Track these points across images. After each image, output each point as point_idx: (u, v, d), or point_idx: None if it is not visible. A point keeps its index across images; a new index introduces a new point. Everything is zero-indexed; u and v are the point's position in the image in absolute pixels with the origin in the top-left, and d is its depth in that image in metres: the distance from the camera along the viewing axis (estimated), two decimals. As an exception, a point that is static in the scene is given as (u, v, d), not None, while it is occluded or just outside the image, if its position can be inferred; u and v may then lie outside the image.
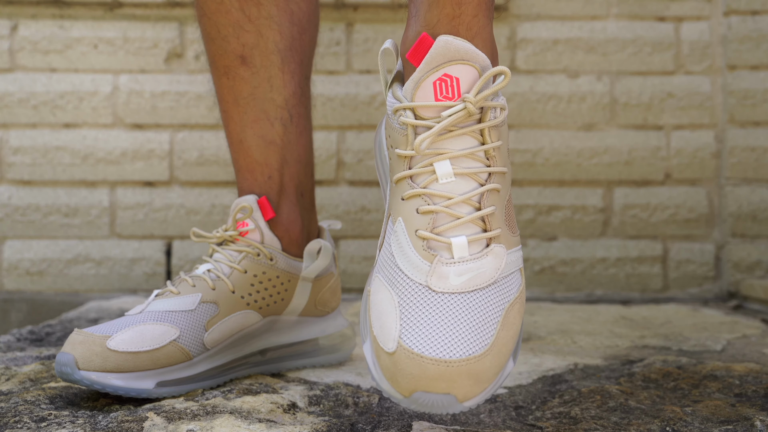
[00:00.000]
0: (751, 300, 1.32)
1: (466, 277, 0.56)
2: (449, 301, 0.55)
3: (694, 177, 1.41)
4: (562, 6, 1.42)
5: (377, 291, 0.58)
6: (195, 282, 0.75)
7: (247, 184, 0.82)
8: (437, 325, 0.53)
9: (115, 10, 1.40)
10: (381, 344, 0.54)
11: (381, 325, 0.55)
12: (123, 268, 1.40)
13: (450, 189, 0.58)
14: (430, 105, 0.58)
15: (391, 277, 0.57)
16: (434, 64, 0.57)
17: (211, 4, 0.80)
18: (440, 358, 0.51)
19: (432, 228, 0.57)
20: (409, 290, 0.56)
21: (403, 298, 0.55)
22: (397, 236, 0.58)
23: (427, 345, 0.52)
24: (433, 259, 0.56)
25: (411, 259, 0.57)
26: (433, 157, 0.58)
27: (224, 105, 0.83)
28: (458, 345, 0.52)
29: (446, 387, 0.52)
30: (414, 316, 0.54)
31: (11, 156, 1.40)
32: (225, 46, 0.80)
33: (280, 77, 0.81)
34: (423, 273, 0.56)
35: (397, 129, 0.59)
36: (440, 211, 0.57)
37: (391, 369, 0.53)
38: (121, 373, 0.68)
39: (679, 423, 0.63)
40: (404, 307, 0.55)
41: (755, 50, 1.39)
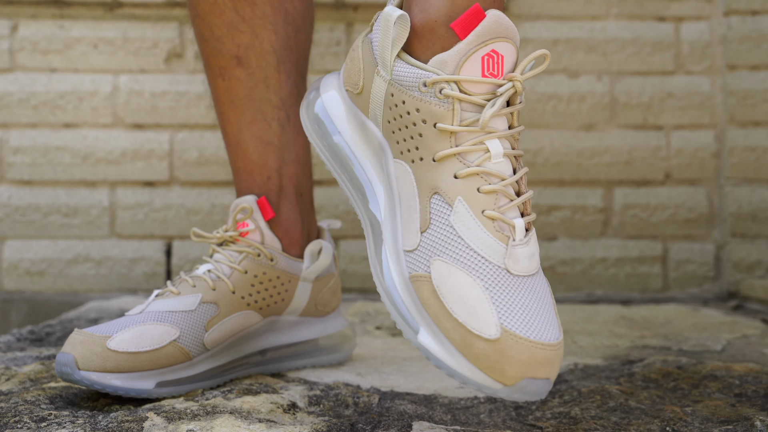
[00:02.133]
0: (751, 300, 1.32)
1: (533, 260, 0.56)
2: (527, 285, 0.54)
3: (694, 177, 1.41)
4: (562, 6, 1.42)
5: (450, 275, 0.54)
6: (195, 282, 0.75)
7: (245, 186, 0.82)
8: (531, 309, 0.53)
9: (115, 10, 1.40)
10: (475, 331, 0.52)
11: (470, 311, 0.53)
12: (123, 268, 1.40)
13: (501, 169, 0.57)
14: (478, 80, 0.56)
15: (463, 260, 0.55)
16: (484, 38, 0.56)
17: (204, 4, 0.79)
18: (547, 342, 0.51)
19: (496, 208, 0.56)
20: (490, 273, 0.54)
21: (488, 282, 0.54)
22: (460, 216, 0.56)
23: (533, 329, 0.51)
24: (507, 240, 0.55)
25: (486, 241, 0.55)
26: (483, 135, 0.57)
27: (220, 106, 0.82)
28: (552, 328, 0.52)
29: (549, 371, 0.51)
30: (507, 301, 0.53)
31: (11, 156, 1.40)
32: (219, 47, 0.80)
33: (276, 77, 0.81)
34: (500, 255, 0.55)
35: (435, 102, 0.57)
36: (501, 191, 0.56)
37: (492, 357, 0.51)
38: (121, 374, 0.68)
39: (679, 423, 0.63)
40: (493, 291, 0.53)
41: (755, 50, 1.39)
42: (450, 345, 0.53)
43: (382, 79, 0.60)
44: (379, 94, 0.60)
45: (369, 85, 0.61)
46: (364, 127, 0.63)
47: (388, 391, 0.75)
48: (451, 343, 0.53)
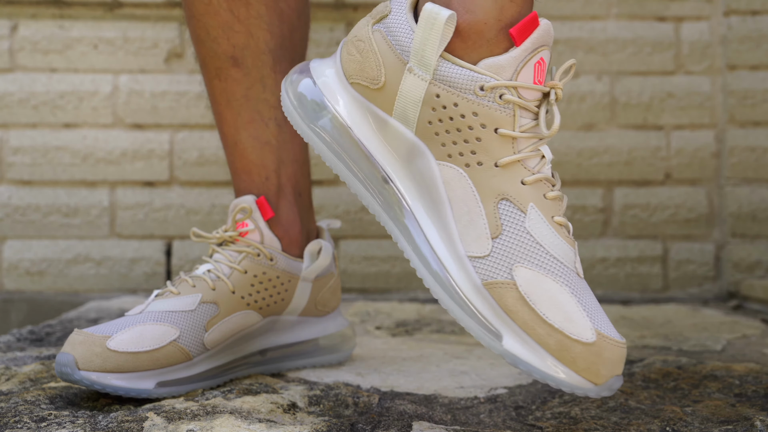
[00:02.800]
0: (751, 300, 1.32)
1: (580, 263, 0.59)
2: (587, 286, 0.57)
3: (694, 177, 1.41)
4: (562, 6, 1.42)
5: (539, 282, 0.55)
6: (195, 282, 0.75)
7: (244, 186, 0.82)
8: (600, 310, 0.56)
9: (115, 10, 1.40)
10: (573, 336, 0.54)
11: (566, 317, 0.54)
12: (123, 268, 1.40)
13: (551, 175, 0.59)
14: (532, 87, 0.57)
15: (547, 266, 0.56)
16: (537, 46, 0.57)
17: (199, 5, 0.79)
18: (623, 341, 0.55)
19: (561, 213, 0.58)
20: (571, 278, 0.56)
21: (571, 286, 0.56)
22: (535, 222, 0.57)
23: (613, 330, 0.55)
24: (574, 244, 0.58)
25: (561, 246, 0.57)
26: (537, 141, 0.58)
27: (217, 107, 0.82)
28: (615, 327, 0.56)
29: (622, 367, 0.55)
30: (588, 304, 0.55)
31: (11, 156, 1.40)
32: (215, 48, 0.80)
33: (272, 77, 0.80)
34: (572, 259, 0.57)
35: (495, 107, 0.57)
36: (560, 198, 0.58)
37: (589, 359, 0.54)
38: (121, 374, 0.68)
39: (679, 423, 0.63)
40: (577, 295, 0.55)
41: (755, 50, 1.39)
42: (542, 350, 0.55)
43: (418, 77, 0.59)
44: (415, 93, 0.59)
45: (395, 82, 0.60)
46: (383, 125, 0.61)
47: (388, 391, 0.75)
48: (543, 349, 0.55)
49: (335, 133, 0.63)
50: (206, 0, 0.78)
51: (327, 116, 0.63)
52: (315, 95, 0.64)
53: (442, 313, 1.22)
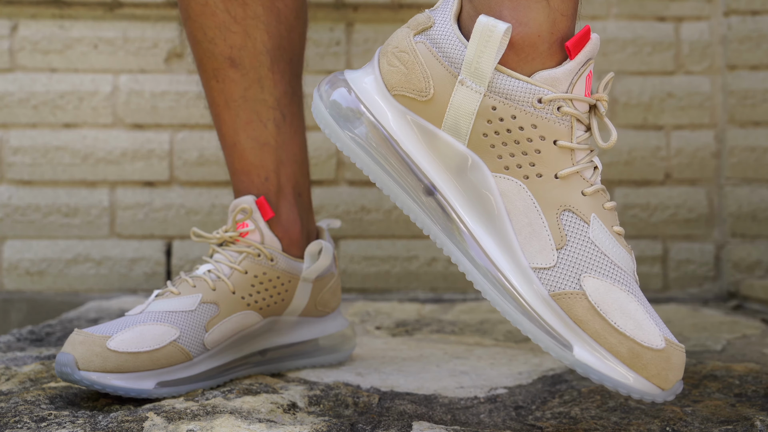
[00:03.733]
0: (751, 300, 1.32)
1: None
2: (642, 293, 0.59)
3: (694, 177, 1.41)
4: (562, 6, 1.41)
5: (607, 291, 0.57)
6: (195, 282, 0.75)
7: (243, 187, 0.81)
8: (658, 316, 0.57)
9: (115, 10, 1.40)
10: (645, 343, 0.55)
11: (636, 325, 0.56)
12: (123, 268, 1.40)
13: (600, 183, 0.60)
14: (585, 99, 0.59)
15: (614, 276, 0.57)
16: (587, 58, 0.58)
17: (195, 6, 0.78)
18: (683, 347, 0.57)
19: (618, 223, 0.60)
20: (633, 286, 0.58)
21: (636, 294, 0.57)
22: (598, 232, 0.58)
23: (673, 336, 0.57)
24: (632, 252, 0.59)
25: (622, 255, 0.58)
26: (591, 152, 0.60)
27: (215, 108, 0.82)
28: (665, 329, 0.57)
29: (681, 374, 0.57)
30: (651, 311, 0.57)
31: (11, 156, 1.40)
32: (212, 49, 0.79)
33: (270, 77, 0.80)
34: (632, 268, 0.59)
35: (553, 119, 0.58)
36: (614, 208, 0.60)
37: (659, 365, 0.55)
38: (121, 374, 0.68)
39: (679, 423, 0.63)
40: (642, 303, 0.57)
41: (755, 50, 1.39)
42: (613, 358, 0.56)
43: (472, 90, 0.59)
44: (468, 106, 0.59)
45: (445, 94, 0.60)
46: (432, 137, 0.61)
47: (388, 391, 0.75)
48: (615, 357, 0.56)
49: (373, 141, 0.63)
50: (202, 1, 0.78)
51: (364, 124, 0.63)
52: (351, 103, 0.64)
53: (442, 313, 1.22)
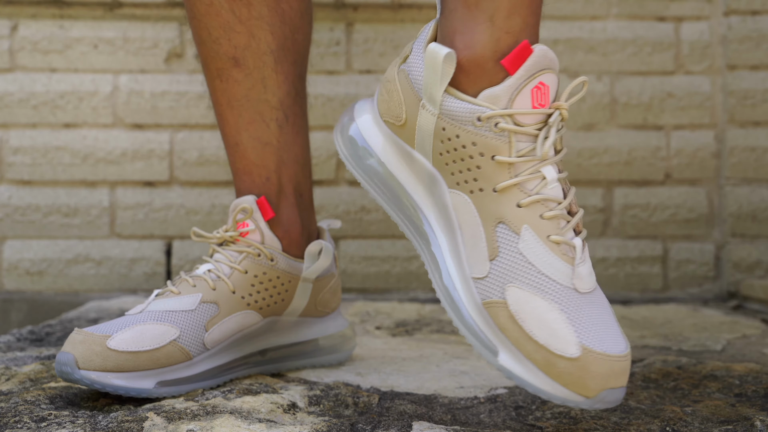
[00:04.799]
0: (751, 300, 1.32)
1: (591, 276, 0.59)
2: (593, 300, 0.58)
3: (694, 177, 1.41)
4: (562, 6, 1.42)
5: (526, 300, 0.58)
6: (195, 282, 0.75)
7: (245, 186, 0.82)
8: (602, 323, 0.57)
9: (115, 10, 1.40)
10: (558, 351, 0.56)
11: (550, 333, 0.57)
12: (123, 268, 1.40)
13: (555, 194, 0.60)
14: (530, 112, 0.59)
15: (537, 285, 0.58)
16: (532, 72, 0.59)
17: (200, 6, 0.79)
18: (620, 354, 0.56)
19: (558, 232, 0.59)
20: (563, 295, 0.58)
21: (563, 303, 0.57)
22: (528, 243, 0.59)
23: (608, 344, 0.56)
24: (573, 261, 0.59)
25: (555, 265, 0.58)
26: (538, 163, 0.60)
27: (219, 108, 0.82)
28: (622, 340, 0.57)
29: (624, 380, 0.56)
30: (583, 319, 0.57)
31: (11, 156, 1.40)
32: (217, 49, 0.80)
33: (273, 78, 0.81)
34: (568, 276, 0.58)
35: (491, 136, 0.60)
36: (560, 215, 0.59)
37: (574, 374, 0.56)
38: (121, 373, 0.68)
39: (679, 423, 0.63)
40: (568, 311, 0.57)
41: (755, 50, 1.39)
42: (532, 365, 0.57)
43: (430, 113, 0.62)
44: (428, 127, 0.63)
45: (413, 118, 0.64)
46: (410, 158, 0.65)
47: (388, 391, 0.75)
48: (533, 364, 0.57)
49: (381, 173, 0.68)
50: (207, 1, 0.78)
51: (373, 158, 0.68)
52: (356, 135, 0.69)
53: (442, 313, 1.22)
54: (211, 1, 0.78)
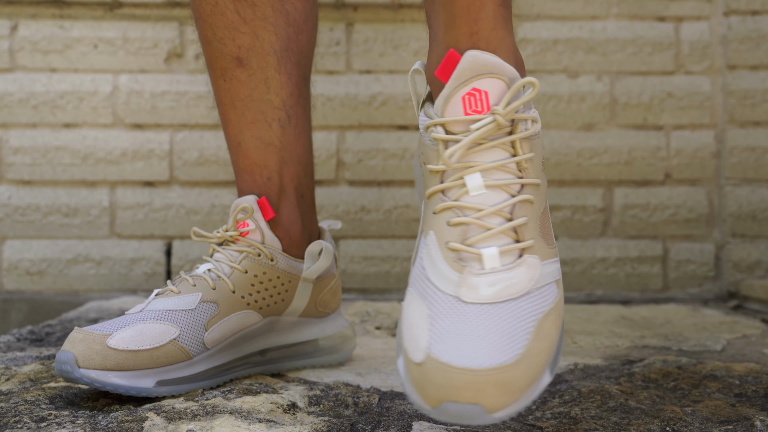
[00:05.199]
0: (751, 300, 1.32)
1: (499, 287, 0.56)
2: (480, 312, 0.54)
3: (694, 177, 1.41)
4: (562, 6, 1.42)
5: (409, 305, 0.58)
6: (195, 281, 0.75)
7: (246, 186, 0.82)
8: (466, 334, 0.53)
9: (115, 10, 1.40)
10: (410, 355, 0.54)
11: (411, 337, 0.55)
12: (123, 268, 1.40)
13: (481, 201, 0.58)
14: (460, 119, 0.59)
15: (422, 290, 0.57)
16: (462, 79, 0.58)
17: (206, 6, 0.80)
18: (467, 367, 0.51)
19: (463, 240, 0.58)
20: (439, 302, 0.56)
21: (433, 309, 0.56)
22: (429, 249, 0.59)
23: (455, 354, 0.52)
24: (463, 269, 0.56)
25: (441, 271, 0.57)
26: (463, 170, 0.59)
27: (222, 107, 0.83)
28: (487, 354, 0.52)
29: (473, 396, 0.51)
30: (443, 327, 0.54)
31: (11, 156, 1.40)
32: (221, 49, 0.80)
33: (276, 78, 0.81)
34: (453, 284, 0.56)
35: (429, 145, 0.60)
36: (471, 222, 0.58)
37: (419, 380, 0.53)
38: (121, 372, 0.68)
39: (679, 423, 0.63)
40: (434, 318, 0.55)
41: (755, 50, 1.39)
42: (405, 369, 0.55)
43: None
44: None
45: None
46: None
47: (388, 391, 0.75)
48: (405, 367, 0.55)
49: None
50: (213, 1, 0.79)
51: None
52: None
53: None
54: (216, 1, 0.79)
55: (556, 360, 0.57)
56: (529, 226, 0.58)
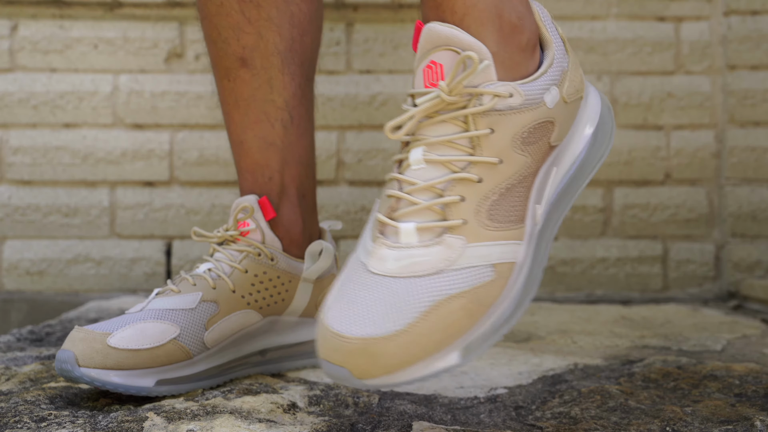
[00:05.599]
0: (751, 300, 1.32)
1: (405, 263, 0.55)
2: (377, 283, 0.55)
3: (694, 177, 1.41)
4: (562, 6, 1.42)
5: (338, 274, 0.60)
6: (195, 281, 0.75)
7: (247, 185, 0.82)
8: (355, 302, 0.54)
9: (115, 10, 1.40)
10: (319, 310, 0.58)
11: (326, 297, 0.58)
12: (123, 268, 1.40)
13: (417, 175, 0.58)
14: (420, 92, 0.58)
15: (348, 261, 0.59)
16: (422, 51, 0.58)
17: (211, 6, 0.80)
18: (338, 332, 0.53)
19: (390, 212, 0.58)
20: (352, 267, 0.57)
21: (345, 273, 0.57)
22: (370, 217, 0.60)
23: (335, 319, 0.54)
24: (377, 240, 0.57)
25: (364, 240, 0.58)
26: (412, 143, 0.58)
27: (226, 107, 0.83)
28: (360, 324, 0.53)
29: (341, 360, 0.53)
30: (343, 291, 0.56)
31: (11, 156, 1.40)
32: (226, 49, 0.81)
33: (280, 79, 0.81)
34: (366, 252, 0.57)
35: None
36: (400, 196, 0.57)
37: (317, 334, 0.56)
38: (121, 371, 0.68)
39: (679, 423, 0.63)
40: (342, 282, 0.57)
41: (755, 50, 1.39)
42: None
43: None
44: None
45: None
46: None
47: (388, 391, 0.75)
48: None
49: None
50: (218, 1, 0.79)
51: None
52: None
53: (442, 313, 1.22)
54: (221, 1, 0.79)
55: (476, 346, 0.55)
56: (461, 206, 0.56)
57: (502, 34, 0.59)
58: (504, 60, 0.59)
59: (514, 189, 0.58)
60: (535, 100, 0.59)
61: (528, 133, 0.59)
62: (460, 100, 0.57)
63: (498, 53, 0.59)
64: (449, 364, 0.54)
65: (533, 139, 0.59)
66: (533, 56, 0.62)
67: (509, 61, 0.59)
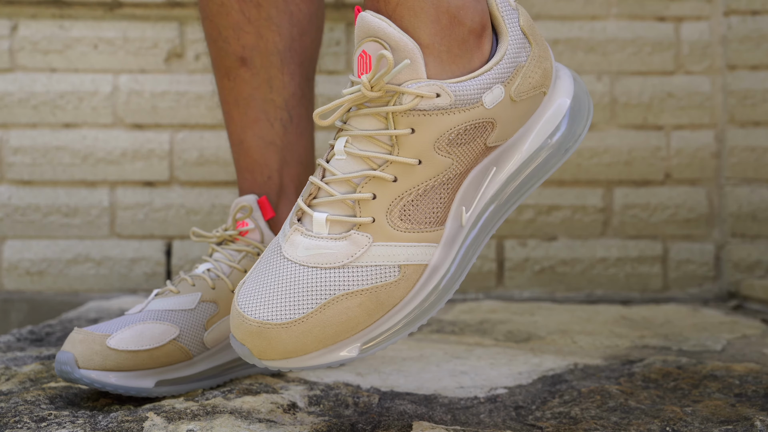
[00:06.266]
0: (751, 300, 1.32)
1: (312, 252, 0.56)
2: (286, 269, 0.56)
3: (694, 177, 1.41)
4: (562, 6, 1.42)
5: None
6: (195, 281, 0.75)
7: (247, 185, 0.82)
8: (263, 284, 0.56)
9: (115, 10, 1.40)
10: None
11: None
12: (123, 268, 1.40)
13: (338, 166, 0.57)
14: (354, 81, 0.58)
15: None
16: (357, 40, 0.58)
17: (212, 6, 0.80)
18: (242, 312, 0.55)
19: (309, 199, 0.58)
20: (271, 247, 0.58)
21: (265, 253, 0.58)
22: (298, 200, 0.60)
23: (242, 298, 0.56)
24: (292, 226, 0.57)
25: (285, 224, 0.59)
26: (341, 132, 0.58)
27: (225, 106, 0.83)
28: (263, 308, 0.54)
29: (242, 339, 0.55)
30: (256, 271, 0.57)
31: (11, 156, 1.40)
32: (226, 48, 0.81)
33: (279, 78, 0.81)
34: (283, 236, 0.58)
35: None
36: (319, 185, 0.57)
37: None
38: (121, 372, 0.68)
39: (679, 423, 0.63)
40: (259, 261, 0.58)
41: (755, 50, 1.39)
42: None
43: None
44: None
45: None
46: None
47: (388, 391, 0.75)
48: None
49: None
50: (219, 1, 0.79)
51: None
52: None
53: (442, 313, 1.22)
54: (222, 1, 0.79)
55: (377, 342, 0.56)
56: (372, 204, 0.56)
57: (438, 26, 0.56)
58: (440, 53, 0.56)
59: (434, 191, 0.57)
60: (470, 101, 0.56)
61: (457, 135, 0.56)
62: (384, 96, 0.56)
63: (432, 46, 0.56)
64: (347, 357, 0.56)
65: (463, 141, 0.57)
66: (479, 49, 0.58)
67: (446, 54, 0.56)
